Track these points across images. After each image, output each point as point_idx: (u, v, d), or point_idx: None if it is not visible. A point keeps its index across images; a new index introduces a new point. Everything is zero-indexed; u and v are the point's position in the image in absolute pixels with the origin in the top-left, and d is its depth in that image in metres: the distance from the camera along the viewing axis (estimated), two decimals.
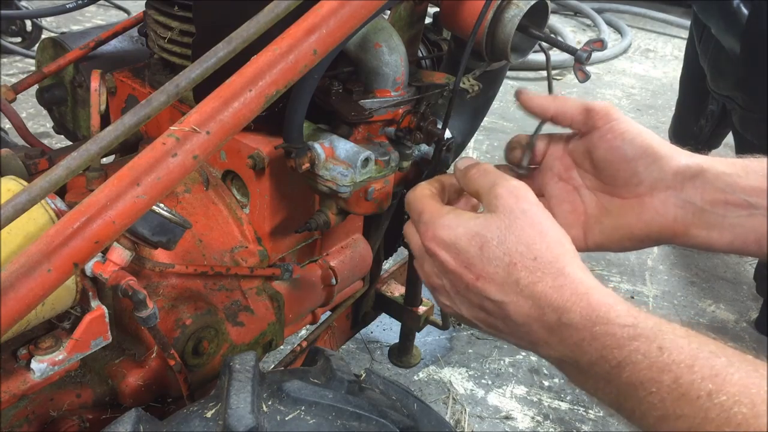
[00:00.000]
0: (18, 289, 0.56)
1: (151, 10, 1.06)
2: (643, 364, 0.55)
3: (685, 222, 0.75)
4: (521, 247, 0.64)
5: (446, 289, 0.70)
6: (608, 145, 0.76)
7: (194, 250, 1.00)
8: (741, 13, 1.81)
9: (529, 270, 0.63)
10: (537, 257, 0.64)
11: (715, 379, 0.52)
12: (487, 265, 0.65)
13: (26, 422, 0.84)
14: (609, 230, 0.80)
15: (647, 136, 0.76)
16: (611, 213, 0.79)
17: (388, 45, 0.96)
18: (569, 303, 0.61)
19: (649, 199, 0.76)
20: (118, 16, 3.91)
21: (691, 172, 0.73)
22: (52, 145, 1.53)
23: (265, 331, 1.06)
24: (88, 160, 0.58)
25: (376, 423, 0.73)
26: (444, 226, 0.69)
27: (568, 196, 0.83)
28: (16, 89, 1.24)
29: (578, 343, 0.60)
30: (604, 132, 0.76)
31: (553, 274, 0.63)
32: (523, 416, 1.76)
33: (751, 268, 2.31)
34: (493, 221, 0.66)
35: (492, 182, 0.69)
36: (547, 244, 0.64)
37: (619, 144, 0.75)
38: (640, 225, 0.77)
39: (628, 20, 5.01)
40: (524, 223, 0.65)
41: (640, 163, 0.75)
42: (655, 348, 0.55)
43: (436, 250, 0.69)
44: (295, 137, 0.90)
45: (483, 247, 0.65)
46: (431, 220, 0.70)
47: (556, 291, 0.62)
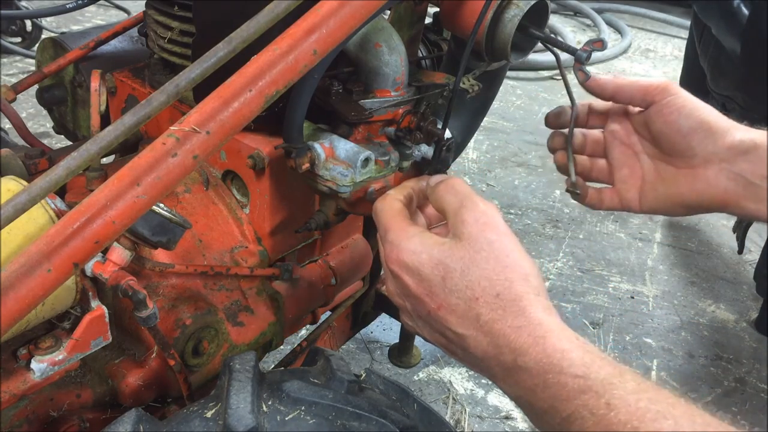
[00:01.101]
0: (18, 289, 0.56)
1: (151, 10, 1.06)
2: (590, 421, 0.54)
3: (737, 194, 0.78)
4: (484, 281, 0.63)
5: (408, 310, 0.70)
6: (665, 119, 0.79)
7: (194, 250, 1.00)
8: (741, 13, 1.81)
9: (491, 307, 0.62)
10: (499, 294, 0.62)
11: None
12: (449, 295, 0.64)
13: (26, 422, 0.84)
14: (663, 197, 0.84)
15: (704, 111, 0.78)
16: (666, 180, 0.83)
17: (388, 45, 0.96)
18: (526, 345, 0.60)
19: (702, 171, 0.79)
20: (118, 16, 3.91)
21: (745, 147, 0.76)
22: (52, 145, 1.53)
23: (265, 331, 1.06)
24: (88, 160, 0.58)
25: (376, 423, 0.73)
26: (408, 250, 0.67)
27: (628, 160, 0.88)
28: (16, 89, 1.24)
29: (532, 388, 0.59)
30: (662, 106, 0.79)
31: (513, 313, 0.61)
32: (523, 416, 1.75)
33: (751, 268, 2.31)
34: (457, 250, 0.65)
35: (459, 204, 0.68)
36: (510, 282, 0.63)
37: (675, 118, 0.78)
38: (693, 194, 0.81)
39: (628, 20, 5.01)
40: (489, 255, 0.64)
41: (694, 137, 0.78)
42: (603, 404, 0.54)
43: (399, 273, 0.68)
44: (295, 137, 0.90)
45: (446, 277, 0.64)
46: (396, 241, 0.69)
47: (514, 331, 0.61)
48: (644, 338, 2.05)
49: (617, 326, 2.07)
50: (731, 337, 2.08)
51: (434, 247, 0.66)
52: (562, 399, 0.56)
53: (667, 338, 2.05)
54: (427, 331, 0.69)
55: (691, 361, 1.97)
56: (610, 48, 4.35)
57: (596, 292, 2.21)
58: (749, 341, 2.07)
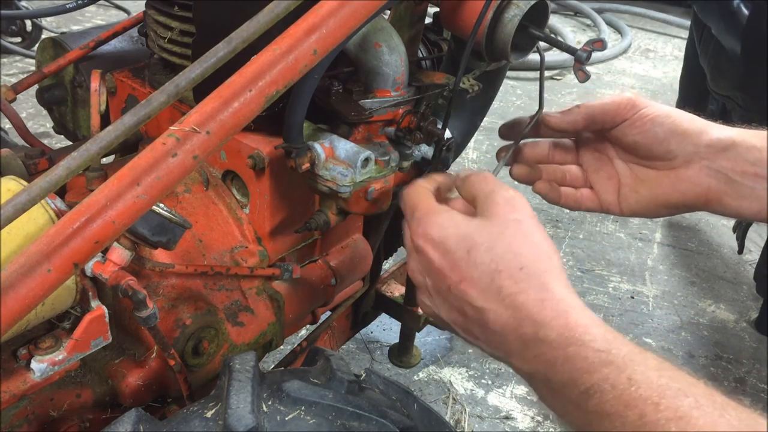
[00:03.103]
0: (18, 289, 0.56)
1: (151, 10, 1.06)
2: (610, 395, 0.54)
3: (719, 191, 0.79)
4: (509, 255, 0.64)
5: (428, 288, 0.70)
6: (639, 130, 0.80)
7: (194, 250, 0.99)
8: (741, 13, 1.81)
9: (514, 280, 0.62)
10: (523, 267, 0.63)
11: (679, 422, 0.51)
12: (473, 269, 0.64)
13: (26, 422, 0.84)
14: (645, 199, 0.84)
15: (677, 116, 0.79)
16: (646, 183, 0.84)
17: (388, 45, 0.96)
18: (548, 318, 0.60)
19: (683, 171, 0.80)
20: (118, 16, 3.92)
21: (723, 145, 0.77)
22: (52, 145, 1.53)
23: (265, 331, 1.06)
24: (88, 160, 0.58)
25: (376, 423, 0.73)
26: (435, 224, 0.68)
27: (603, 165, 0.88)
28: (16, 89, 1.24)
29: (551, 361, 0.59)
30: (634, 120, 0.80)
31: (536, 288, 0.62)
32: (523, 416, 1.76)
33: (751, 268, 2.31)
34: (485, 227, 0.66)
35: (490, 189, 0.69)
36: (535, 256, 0.64)
37: (649, 127, 0.79)
38: (676, 194, 0.81)
39: (628, 20, 5.01)
40: (516, 232, 0.65)
41: (672, 140, 0.79)
42: (624, 379, 0.54)
43: (424, 247, 0.68)
44: (295, 137, 0.90)
45: (471, 250, 0.65)
46: (424, 216, 0.70)
47: (537, 304, 0.61)
48: (644, 338, 2.05)
49: (617, 326, 2.07)
50: (731, 337, 2.08)
51: (462, 222, 0.67)
52: (582, 371, 0.56)
53: (667, 338, 2.05)
54: (445, 309, 0.68)
55: (691, 361, 1.97)
56: (610, 48, 4.35)
57: (596, 292, 2.21)
58: (749, 341, 2.07)
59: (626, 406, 0.53)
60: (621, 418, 0.53)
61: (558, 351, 0.58)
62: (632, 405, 0.53)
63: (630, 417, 0.53)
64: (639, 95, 0.82)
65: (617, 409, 0.54)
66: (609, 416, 0.54)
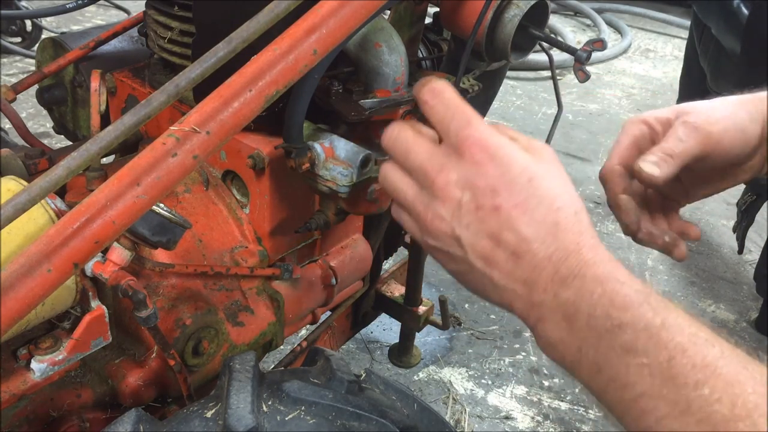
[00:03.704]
0: (18, 289, 0.56)
1: (151, 10, 1.06)
2: (643, 334, 0.54)
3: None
4: (566, 195, 0.63)
5: (461, 203, 0.64)
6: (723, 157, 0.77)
7: (194, 250, 0.99)
8: (741, 13, 1.82)
9: (570, 220, 0.61)
10: (577, 212, 0.62)
11: (705, 369, 0.52)
12: (532, 198, 0.62)
13: (26, 422, 0.84)
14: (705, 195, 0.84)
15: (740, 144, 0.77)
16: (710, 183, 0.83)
17: (388, 45, 0.96)
18: (597, 258, 0.59)
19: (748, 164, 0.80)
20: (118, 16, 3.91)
21: None
22: (52, 145, 1.53)
23: (265, 331, 1.06)
24: (88, 160, 0.58)
25: (376, 423, 0.73)
26: (500, 141, 0.64)
27: None
28: (16, 89, 1.24)
29: (587, 294, 0.58)
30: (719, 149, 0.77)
31: (590, 233, 0.62)
32: (523, 416, 1.76)
33: (751, 268, 2.31)
34: (542, 162, 0.64)
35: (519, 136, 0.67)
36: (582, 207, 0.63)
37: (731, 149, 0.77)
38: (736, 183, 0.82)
39: (628, 20, 5.01)
40: (565, 178, 0.64)
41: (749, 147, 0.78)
42: (658, 321, 0.55)
43: (481, 159, 0.63)
44: (295, 137, 0.90)
45: (532, 179, 0.62)
46: (486, 129, 0.65)
47: (588, 247, 0.60)
48: None
49: None
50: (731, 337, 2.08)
51: (520, 150, 0.64)
52: (619, 307, 0.56)
53: None
54: (471, 231, 0.64)
55: None
56: (610, 48, 4.35)
57: None
58: (749, 341, 2.07)
59: (657, 346, 0.53)
60: (650, 358, 0.53)
61: (596, 286, 0.58)
62: (663, 347, 0.53)
63: (659, 358, 0.53)
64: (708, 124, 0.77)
65: (648, 348, 0.54)
66: (637, 353, 0.54)
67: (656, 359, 0.53)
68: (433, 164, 0.66)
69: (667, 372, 0.52)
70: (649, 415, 0.53)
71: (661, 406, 0.52)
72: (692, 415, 0.51)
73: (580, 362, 0.59)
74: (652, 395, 0.53)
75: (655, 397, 0.53)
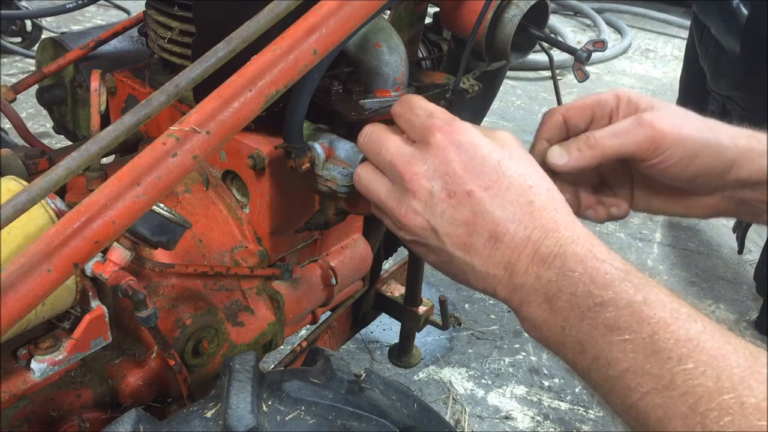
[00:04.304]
0: (18, 289, 0.56)
1: (151, 10, 1.06)
2: (625, 311, 0.54)
3: (736, 212, 0.77)
4: (536, 176, 0.63)
5: (431, 193, 0.64)
6: (661, 173, 0.73)
7: (194, 250, 0.99)
8: (741, 13, 1.82)
9: (544, 197, 0.61)
10: (550, 189, 0.62)
11: (688, 343, 0.52)
12: (503, 179, 0.62)
13: (26, 422, 0.84)
14: (656, 210, 0.81)
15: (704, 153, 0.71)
16: (661, 198, 0.79)
17: (388, 45, 0.96)
18: (575, 236, 0.59)
19: (704, 198, 0.76)
20: (118, 16, 3.92)
21: (753, 181, 0.72)
22: (52, 145, 1.53)
23: (265, 331, 1.06)
24: (88, 160, 0.58)
25: (376, 423, 0.73)
26: (465, 129, 0.65)
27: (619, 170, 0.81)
28: (16, 89, 1.24)
29: (567, 273, 0.58)
30: (656, 163, 0.72)
31: (565, 210, 0.62)
32: (523, 416, 1.76)
33: (751, 268, 2.31)
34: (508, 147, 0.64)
35: None
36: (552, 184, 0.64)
37: (673, 172, 0.72)
38: (690, 214, 0.79)
39: (628, 20, 5.01)
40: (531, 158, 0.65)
41: (697, 181, 0.73)
42: (640, 297, 0.55)
43: (446, 147, 0.64)
44: (295, 137, 0.90)
45: (501, 162, 0.62)
46: (450, 119, 0.66)
47: (565, 224, 0.60)
48: None
49: None
50: None
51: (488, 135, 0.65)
52: (600, 285, 0.56)
53: None
54: (445, 218, 0.63)
55: None
56: (610, 48, 4.35)
57: None
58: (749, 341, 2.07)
59: (640, 322, 0.53)
60: (632, 334, 0.53)
61: (576, 264, 0.58)
62: (646, 322, 0.53)
63: (641, 334, 0.53)
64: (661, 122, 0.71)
65: (630, 324, 0.54)
66: (620, 330, 0.54)
67: (639, 335, 0.53)
68: (403, 158, 0.66)
69: (650, 347, 0.52)
70: (634, 391, 0.53)
71: (645, 382, 0.52)
72: (676, 389, 0.50)
73: (564, 342, 0.58)
74: (635, 371, 0.53)
75: (639, 373, 0.53)
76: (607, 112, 0.78)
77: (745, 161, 0.72)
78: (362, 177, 0.72)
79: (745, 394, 0.48)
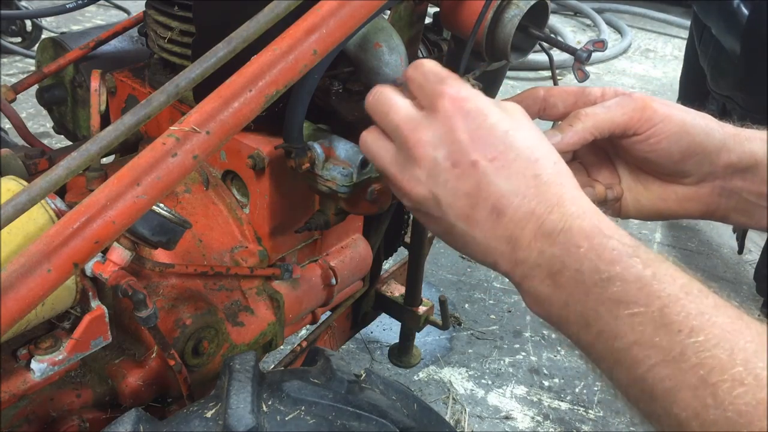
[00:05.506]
0: (18, 289, 0.56)
1: (151, 10, 1.06)
2: (634, 285, 0.53)
3: (727, 208, 0.75)
4: (544, 147, 0.61)
5: (436, 160, 0.62)
6: (651, 148, 0.72)
7: (194, 250, 1.00)
8: (741, 13, 1.82)
9: (550, 171, 0.60)
10: (556, 162, 0.61)
11: (700, 317, 0.51)
12: (510, 150, 0.60)
13: (26, 422, 0.84)
14: (646, 209, 0.78)
15: (694, 131, 0.71)
16: (650, 193, 0.77)
17: (388, 45, 0.96)
18: (581, 211, 0.58)
19: (694, 189, 0.74)
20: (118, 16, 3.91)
21: (743, 165, 0.72)
22: (52, 145, 1.53)
23: (265, 331, 1.06)
24: (88, 160, 0.58)
25: (376, 423, 0.73)
26: (473, 95, 0.63)
27: (604, 165, 0.80)
28: (16, 89, 1.24)
29: (575, 246, 0.56)
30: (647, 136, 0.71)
31: (572, 184, 0.60)
32: (523, 416, 1.76)
33: (751, 268, 2.31)
34: (517, 115, 0.63)
35: None
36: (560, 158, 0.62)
37: (663, 146, 0.71)
38: (681, 210, 0.76)
39: (628, 20, 5.01)
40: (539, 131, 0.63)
41: (688, 162, 0.72)
42: (649, 273, 0.53)
43: (452, 114, 0.62)
44: (295, 137, 0.90)
45: (510, 131, 0.61)
46: (460, 85, 0.63)
47: (571, 199, 0.59)
48: None
49: None
50: None
51: (497, 105, 0.63)
52: (608, 261, 0.55)
53: None
54: (448, 188, 0.62)
55: None
56: (610, 48, 4.35)
57: None
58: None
59: (649, 296, 0.52)
60: (642, 307, 0.52)
61: (582, 240, 0.56)
62: (655, 296, 0.52)
63: (651, 307, 0.52)
64: (651, 100, 0.71)
65: (639, 298, 0.53)
66: (628, 304, 0.53)
67: (648, 308, 0.52)
68: (409, 123, 0.65)
69: (660, 320, 0.51)
70: (641, 363, 0.52)
71: (653, 354, 0.51)
72: (686, 360, 0.50)
73: (568, 317, 0.57)
74: (643, 344, 0.52)
75: (647, 345, 0.52)
76: (591, 100, 0.76)
77: (734, 144, 0.72)
78: (367, 141, 0.70)
79: (760, 366, 0.47)
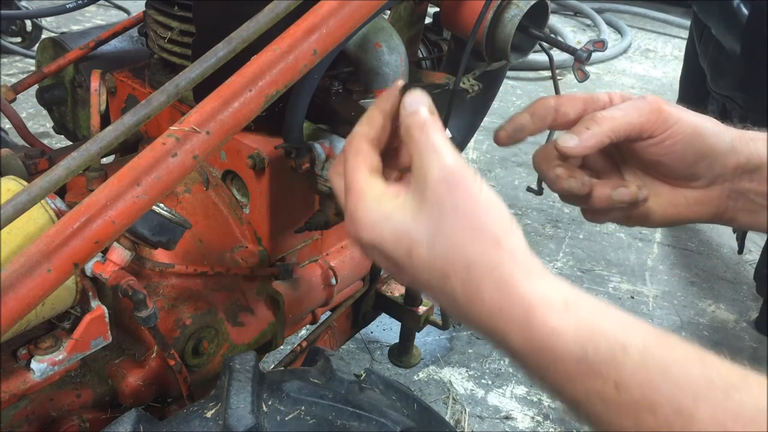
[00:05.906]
0: (18, 289, 0.56)
1: (151, 10, 1.06)
2: (599, 407, 0.51)
3: (735, 209, 0.74)
4: (453, 252, 0.56)
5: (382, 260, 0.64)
6: (665, 150, 0.71)
7: (194, 250, 1.00)
8: (741, 13, 1.82)
9: (465, 285, 0.56)
10: (470, 264, 0.55)
11: (679, 418, 0.48)
12: (419, 273, 0.58)
13: (26, 422, 0.84)
14: (657, 215, 0.76)
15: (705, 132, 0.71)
16: (658, 198, 0.76)
17: (388, 45, 0.96)
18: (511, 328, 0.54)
19: (703, 192, 0.74)
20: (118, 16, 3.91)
21: (752, 166, 0.71)
22: (52, 145, 1.53)
23: (265, 331, 1.06)
24: (88, 160, 0.58)
25: (376, 423, 0.73)
26: (367, 225, 0.61)
27: (611, 171, 0.78)
28: (16, 89, 1.24)
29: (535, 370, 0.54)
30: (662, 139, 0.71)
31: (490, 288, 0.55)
32: (523, 416, 1.76)
33: (751, 268, 2.31)
34: (421, 220, 0.58)
35: (427, 155, 0.59)
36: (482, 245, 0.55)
37: (678, 149, 0.71)
38: (690, 214, 0.75)
39: (628, 20, 5.01)
40: (455, 223, 0.56)
41: (700, 165, 0.72)
42: (611, 387, 0.50)
43: (364, 249, 0.64)
44: (295, 137, 0.90)
45: (411, 251, 0.58)
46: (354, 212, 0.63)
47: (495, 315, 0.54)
48: None
49: None
50: (731, 337, 2.08)
51: (396, 214, 0.59)
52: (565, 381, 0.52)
53: None
54: None
55: None
56: (610, 48, 4.35)
57: (596, 292, 2.21)
58: (749, 341, 2.07)
59: (619, 414, 0.50)
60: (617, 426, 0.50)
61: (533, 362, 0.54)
62: (625, 414, 0.50)
63: (625, 425, 0.50)
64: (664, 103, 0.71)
65: (611, 418, 0.51)
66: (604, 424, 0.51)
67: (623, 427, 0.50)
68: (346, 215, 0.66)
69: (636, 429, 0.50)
70: None
71: None
72: None
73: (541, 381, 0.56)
74: None
75: None
76: (600, 106, 0.76)
77: (741, 144, 0.72)
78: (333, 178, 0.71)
79: None
